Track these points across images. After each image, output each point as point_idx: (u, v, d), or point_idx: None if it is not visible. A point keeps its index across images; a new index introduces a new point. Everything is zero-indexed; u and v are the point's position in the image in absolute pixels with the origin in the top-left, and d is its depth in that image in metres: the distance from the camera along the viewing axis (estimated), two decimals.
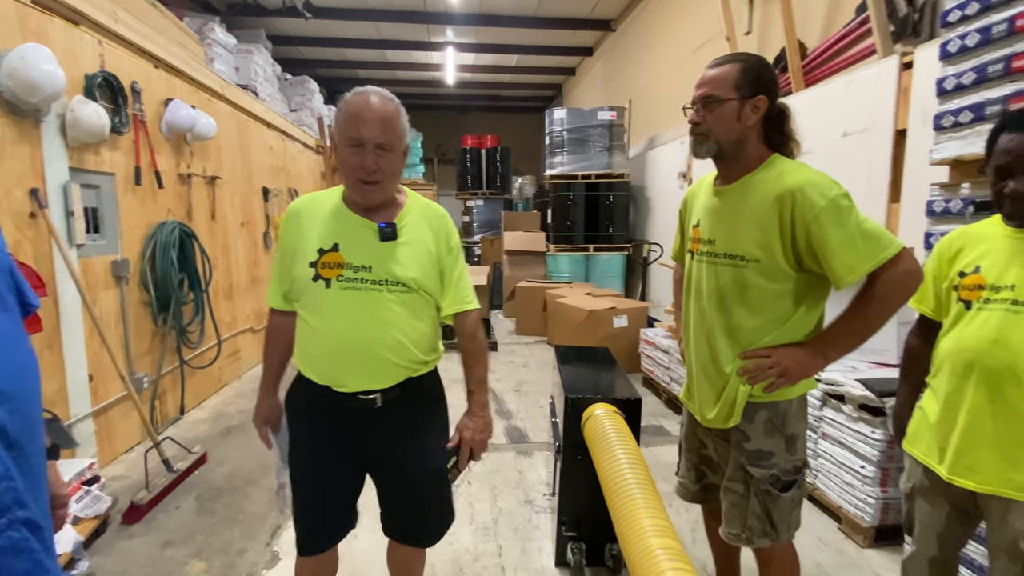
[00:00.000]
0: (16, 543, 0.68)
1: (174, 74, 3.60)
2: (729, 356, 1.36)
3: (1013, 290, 1.17)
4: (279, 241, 1.34)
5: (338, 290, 1.25)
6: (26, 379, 0.75)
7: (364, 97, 1.22)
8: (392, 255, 1.27)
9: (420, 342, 1.32)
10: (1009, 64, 1.56)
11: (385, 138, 1.21)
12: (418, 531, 1.46)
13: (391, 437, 1.35)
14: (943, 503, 1.33)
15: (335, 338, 1.26)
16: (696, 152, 1.39)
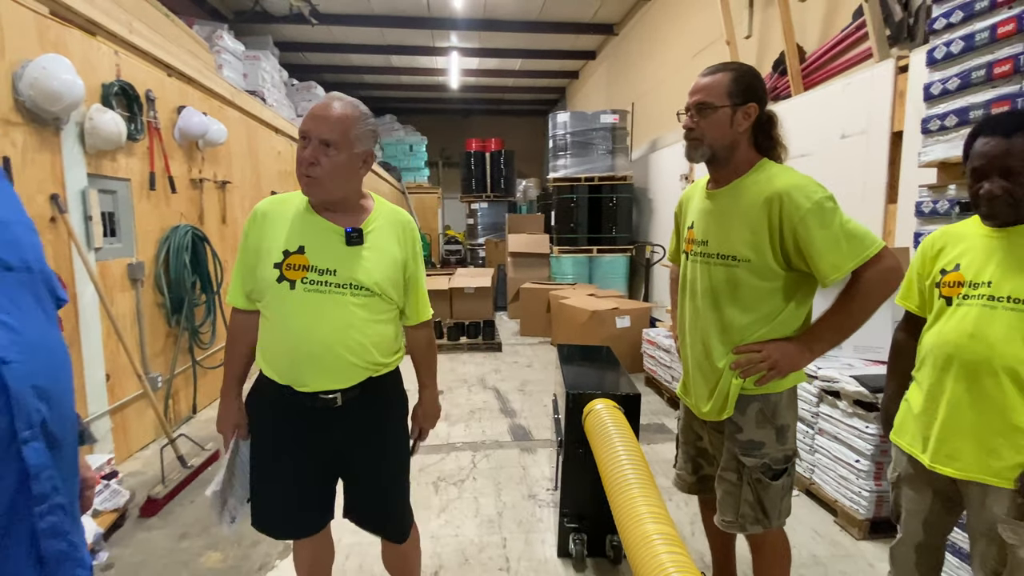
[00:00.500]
0: (55, 526, 0.75)
1: (186, 82, 3.70)
2: (722, 351, 1.43)
3: (989, 286, 1.23)
4: (241, 240, 1.36)
5: (302, 292, 1.26)
6: (63, 377, 0.80)
7: (327, 100, 1.27)
8: (357, 259, 1.29)
9: (381, 344, 1.35)
10: (991, 70, 1.62)
11: (330, 135, 1.22)
12: (386, 523, 1.49)
13: (352, 436, 1.37)
14: (927, 491, 1.39)
15: (297, 339, 1.28)
16: (690, 156, 1.45)
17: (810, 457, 2.49)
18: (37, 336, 0.74)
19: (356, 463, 1.41)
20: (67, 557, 0.77)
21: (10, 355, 0.68)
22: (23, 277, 0.75)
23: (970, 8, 1.68)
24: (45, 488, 0.73)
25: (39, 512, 0.73)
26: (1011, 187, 1.19)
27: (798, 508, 2.46)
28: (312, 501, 1.42)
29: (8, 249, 0.73)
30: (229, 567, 2.06)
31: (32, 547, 0.73)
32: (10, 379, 0.68)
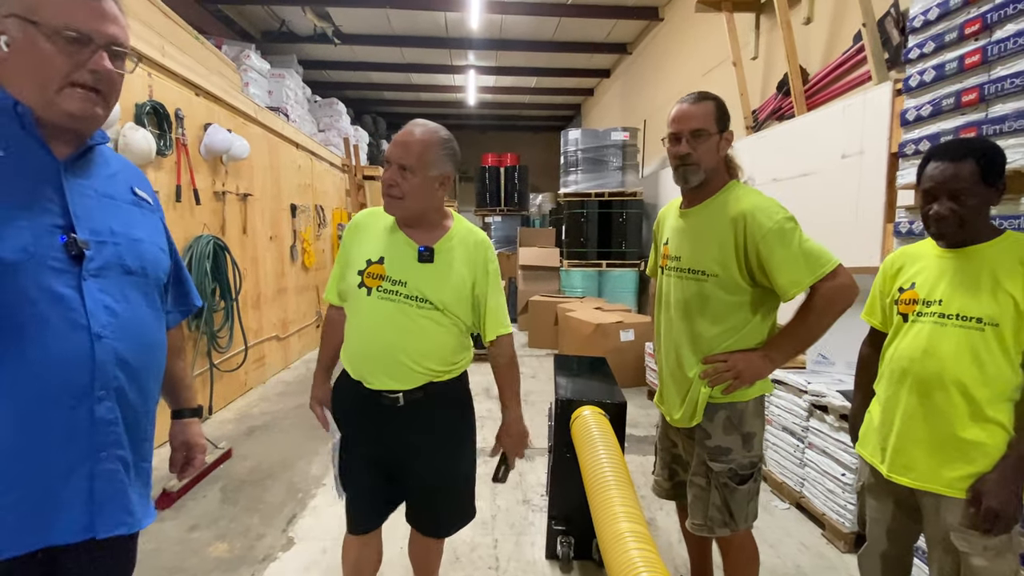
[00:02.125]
0: (112, 473, 0.91)
1: (213, 101, 3.93)
2: (692, 361, 1.52)
3: (940, 304, 1.30)
4: (341, 246, 1.52)
5: (376, 298, 1.40)
6: (148, 359, 0.98)
7: (410, 127, 1.41)
8: (426, 276, 1.41)
9: (440, 353, 1.44)
10: (959, 98, 1.69)
11: (407, 160, 1.36)
12: (433, 524, 1.59)
13: (412, 435, 1.46)
14: (888, 500, 1.45)
15: (366, 339, 1.42)
16: (687, 180, 1.51)
17: (800, 471, 2.53)
18: (134, 323, 0.94)
19: (412, 462, 1.49)
20: (113, 501, 0.91)
21: (105, 332, 0.88)
22: (138, 280, 0.96)
23: (940, 39, 1.77)
24: (109, 439, 0.90)
25: (101, 457, 0.89)
26: (958, 209, 1.27)
27: (787, 522, 2.50)
28: (372, 495, 1.52)
29: (133, 259, 0.96)
30: (235, 557, 2.19)
31: (88, 485, 0.88)
32: (98, 350, 0.87)
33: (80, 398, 0.86)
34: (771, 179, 4.30)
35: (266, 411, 4.03)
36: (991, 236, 1.30)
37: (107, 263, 0.91)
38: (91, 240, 0.89)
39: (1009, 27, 1.56)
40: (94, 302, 0.88)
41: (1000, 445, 1.26)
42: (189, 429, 1.24)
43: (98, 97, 0.89)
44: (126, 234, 0.96)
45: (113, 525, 0.92)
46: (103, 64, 0.88)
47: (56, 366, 0.84)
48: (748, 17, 5.06)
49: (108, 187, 0.98)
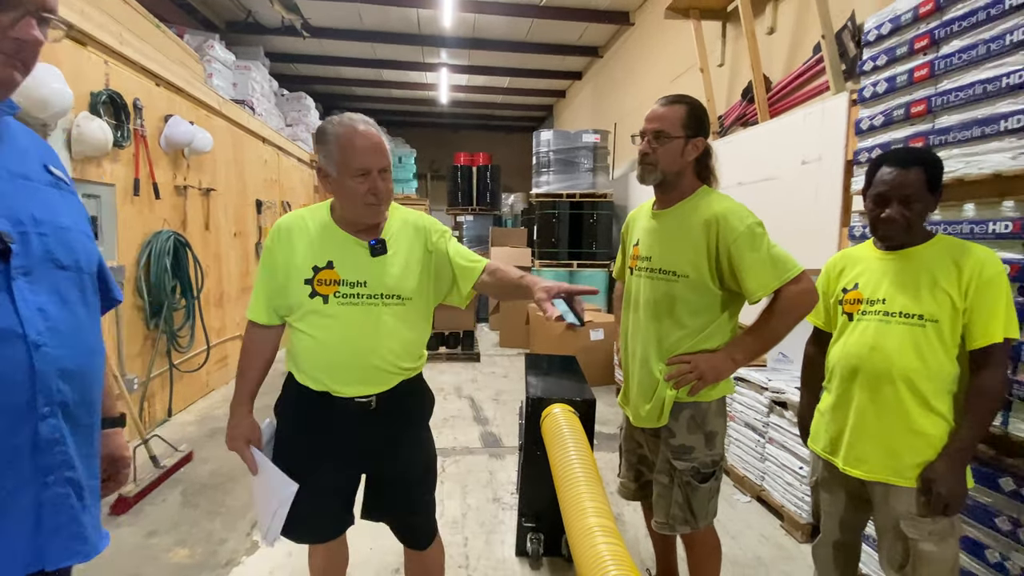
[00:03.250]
0: (60, 498, 0.80)
1: (174, 91, 3.80)
2: (658, 361, 1.55)
3: (884, 303, 1.38)
4: (265, 256, 1.37)
5: (336, 305, 1.31)
6: (91, 365, 0.87)
7: (353, 127, 1.28)
8: (384, 269, 1.34)
9: (411, 351, 1.41)
10: (909, 109, 1.79)
11: (386, 162, 1.31)
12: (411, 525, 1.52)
13: (384, 436, 1.41)
14: (841, 492, 1.52)
15: (333, 350, 1.32)
16: (643, 179, 1.57)
17: (760, 465, 2.62)
18: (73, 326, 0.84)
19: (386, 463, 1.43)
20: (65, 530, 0.81)
21: (43, 339, 0.78)
22: (72, 275, 0.85)
23: (892, 53, 1.86)
24: (56, 460, 0.80)
25: (48, 482, 0.79)
26: (907, 213, 1.34)
27: (749, 514, 2.59)
28: (337, 504, 1.46)
29: (63, 251, 0.84)
30: (196, 563, 2.12)
31: (33, 513, 0.78)
32: (38, 361, 0.77)
33: (20, 418, 0.76)
34: (736, 183, 4.43)
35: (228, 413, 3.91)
36: (926, 239, 1.38)
37: (36, 258, 0.80)
38: (13, 232, 0.77)
39: (955, 43, 1.66)
40: (27, 305, 0.77)
41: (943, 435, 1.33)
42: (112, 440, 1.09)
43: (20, 64, 0.79)
44: (52, 222, 0.84)
45: (66, 555, 0.82)
46: (31, 32, 0.78)
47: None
48: (715, 25, 5.20)
49: (21, 166, 0.84)
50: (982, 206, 1.61)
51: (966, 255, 1.32)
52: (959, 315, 1.31)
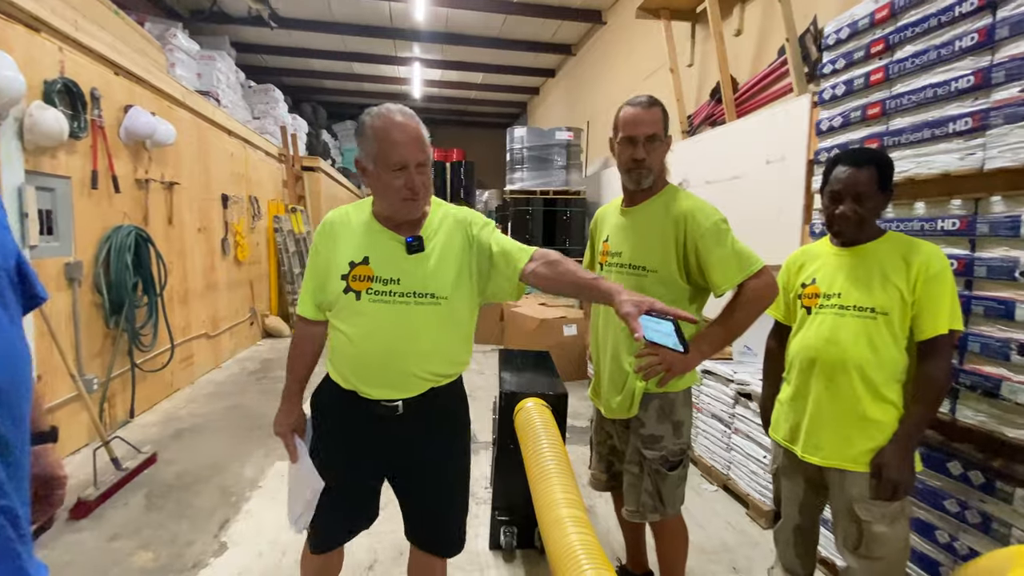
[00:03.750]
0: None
1: (135, 81, 3.66)
2: (629, 355, 1.59)
3: (839, 297, 1.44)
4: (312, 252, 1.37)
5: (367, 302, 1.27)
6: (17, 374, 0.76)
7: (391, 119, 1.24)
8: (420, 267, 1.29)
9: (446, 353, 1.33)
10: (865, 111, 1.87)
11: (424, 156, 1.25)
12: (440, 534, 1.46)
13: (412, 442, 1.36)
14: (800, 479, 1.58)
15: (361, 349, 1.29)
16: (642, 183, 1.56)
17: (727, 455, 2.71)
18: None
19: (410, 472, 1.39)
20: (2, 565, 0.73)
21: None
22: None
23: (850, 57, 1.94)
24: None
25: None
26: (860, 210, 1.41)
27: (715, 502, 2.67)
28: (357, 509, 1.43)
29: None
30: (160, 566, 2.07)
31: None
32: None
33: None
34: (704, 181, 4.53)
35: (195, 413, 3.81)
36: (877, 236, 1.45)
37: None
38: None
39: (908, 48, 1.74)
40: None
41: (893, 422, 1.40)
42: (43, 458, 0.95)
43: None
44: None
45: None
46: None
47: None
48: (685, 26, 5.29)
49: None
50: (932, 204, 1.69)
51: (914, 251, 1.39)
52: (908, 308, 1.38)
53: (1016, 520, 1.44)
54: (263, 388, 4.47)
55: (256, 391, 4.39)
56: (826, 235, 1.58)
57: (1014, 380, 1.43)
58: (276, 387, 4.48)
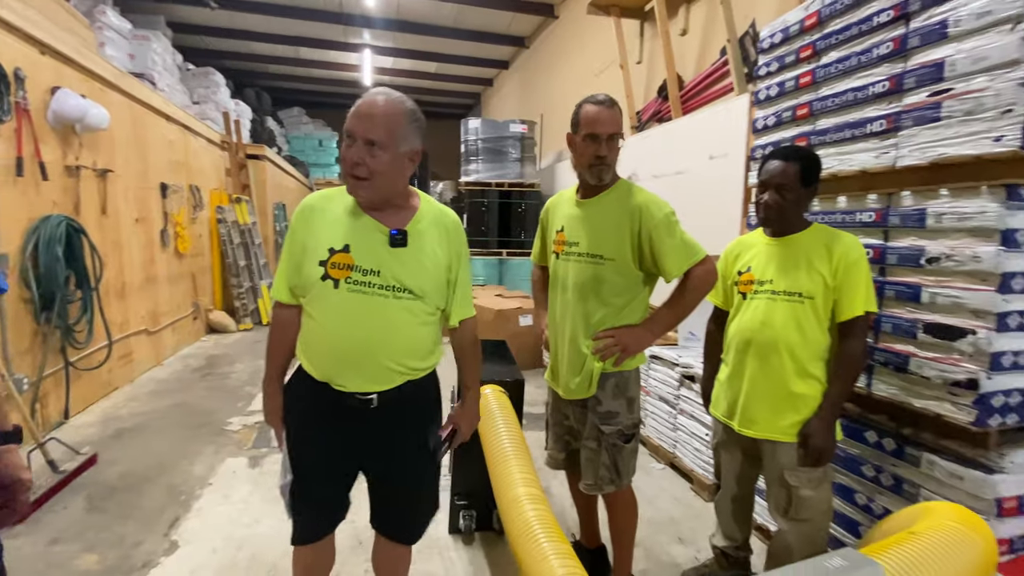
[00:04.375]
0: None
1: (63, 61, 3.42)
2: (586, 338, 1.67)
3: (771, 283, 1.58)
4: (289, 234, 1.33)
5: (345, 292, 1.25)
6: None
7: (372, 96, 1.23)
8: (401, 261, 1.27)
9: (421, 349, 1.34)
10: (795, 112, 2.03)
11: (376, 134, 1.19)
12: (407, 526, 1.49)
13: (385, 435, 1.36)
14: (737, 451, 1.72)
15: (337, 339, 1.27)
16: (603, 178, 1.65)
17: (672, 434, 2.86)
18: None
19: (384, 463, 1.40)
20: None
21: None
22: None
23: (782, 61, 2.09)
24: None
25: None
26: (780, 200, 1.54)
27: (662, 479, 2.82)
28: (332, 501, 1.43)
29: None
30: (107, 568, 2.00)
31: None
32: None
33: None
34: (652, 175, 4.71)
35: (136, 412, 3.65)
36: (804, 227, 1.59)
37: None
38: None
39: (832, 54, 1.89)
40: None
41: (817, 396, 1.55)
42: (5, 460, 0.92)
43: None
44: None
45: None
46: None
47: None
48: (635, 23, 5.44)
49: None
50: (852, 198, 1.86)
51: (835, 241, 1.54)
52: (830, 292, 1.52)
53: (923, 481, 1.62)
54: (210, 385, 4.31)
55: (202, 388, 4.23)
56: (760, 227, 1.71)
57: (920, 356, 1.61)
58: (223, 383, 4.34)
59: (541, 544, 1.40)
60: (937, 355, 1.56)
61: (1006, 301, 1.42)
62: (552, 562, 1.34)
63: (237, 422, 3.50)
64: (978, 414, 1.45)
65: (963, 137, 1.47)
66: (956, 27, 1.48)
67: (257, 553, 2.12)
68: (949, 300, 1.52)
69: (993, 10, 1.39)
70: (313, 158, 11.77)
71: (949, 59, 1.50)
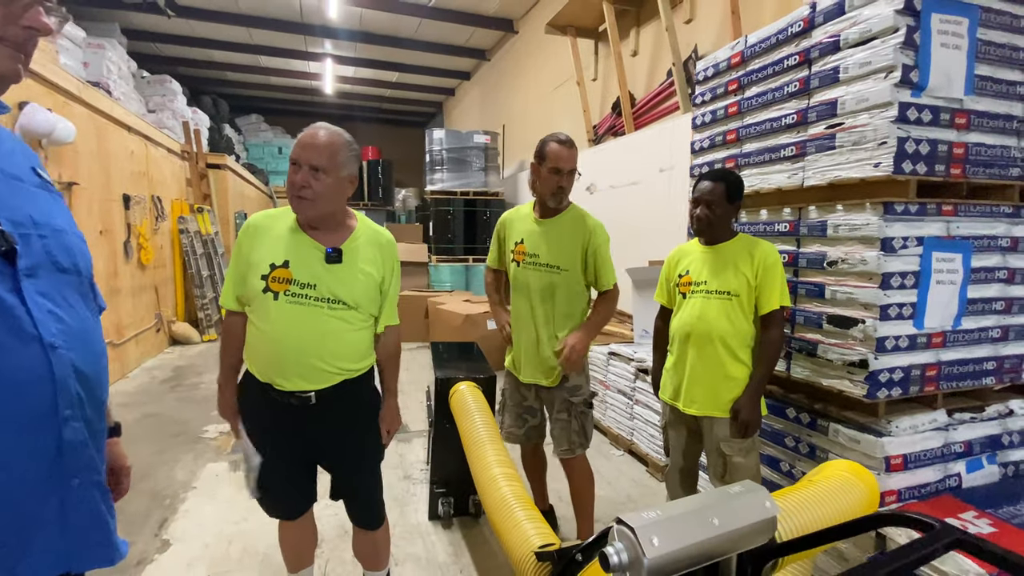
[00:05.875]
0: (85, 501, 0.82)
1: (28, 75, 3.43)
2: (547, 334, 2.01)
3: (706, 284, 1.87)
4: (235, 248, 1.49)
5: (284, 303, 1.40)
6: (99, 365, 0.87)
7: (314, 130, 1.42)
8: (336, 276, 1.43)
9: (353, 353, 1.48)
10: (725, 136, 2.35)
11: (319, 161, 1.37)
12: (365, 511, 1.68)
13: (327, 431, 1.51)
14: (682, 429, 2.00)
15: (276, 344, 1.41)
16: (561, 203, 2.02)
17: (630, 423, 3.15)
18: (80, 328, 0.84)
19: (332, 456, 1.57)
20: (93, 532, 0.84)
21: (58, 341, 0.78)
22: (72, 279, 0.85)
23: (714, 92, 2.41)
24: (82, 463, 0.81)
25: (72, 485, 0.80)
26: (709, 214, 1.84)
27: (622, 464, 3.10)
28: (293, 487, 1.59)
29: (63, 254, 0.83)
30: None
31: (59, 517, 0.79)
32: (56, 362, 0.77)
33: (44, 420, 0.76)
34: (609, 186, 5.04)
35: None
36: (731, 236, 1.89)
37: (38, 260, 0.79)
38: (15, 233, 0.76)
39: (754, 89, 2.21)
40: (37, 307, 0.76)
41: (745, 378, 1.84)
42: (112, 450, 1.03)
43: (24, 56, 0.77)
44: (48, 224, 0.82)
45: (94, 559, 0.83)
46: (42, 19, 0.75)
47: (12, 386, 0.73)
48: (590, 42, 5.79)
49: (12, 167, 0.81)
50: (771, 212, 2.18)
51: (756, 247, 1.84)
52: (752, 290, 1.82)
53: (831, 447, 1.94)
54: (180, 396, 4.33)
55: (173, 399, 4.25)
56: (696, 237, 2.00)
57: (826, 342, 1.93)
58: (193, 394, 4.36)
59: (516, 512, 1.63)
60: (837, 341, 1.89)
61: (887, 296, 1.75)
62: (526, 526, 1.57)
63: (213, 429, 3.58)
64: (868, 388, 1.78)
65: (852, 163, 1.80)
66: (846, 73, 1.81)
67: (247, 546, 2.26)
68: (845, 296, 1.85)
69: (872, 61, 1.73)
70: (272, 165, 11.67)
71: (840, 98, 1.83)
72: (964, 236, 1.84)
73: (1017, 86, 1.84)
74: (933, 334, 1.84)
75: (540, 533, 1.55)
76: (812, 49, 1.93)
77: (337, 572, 2.11)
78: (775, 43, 2.08)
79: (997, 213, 1.89)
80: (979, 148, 1.79)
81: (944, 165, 1.75)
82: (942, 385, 1.88)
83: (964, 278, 1.85)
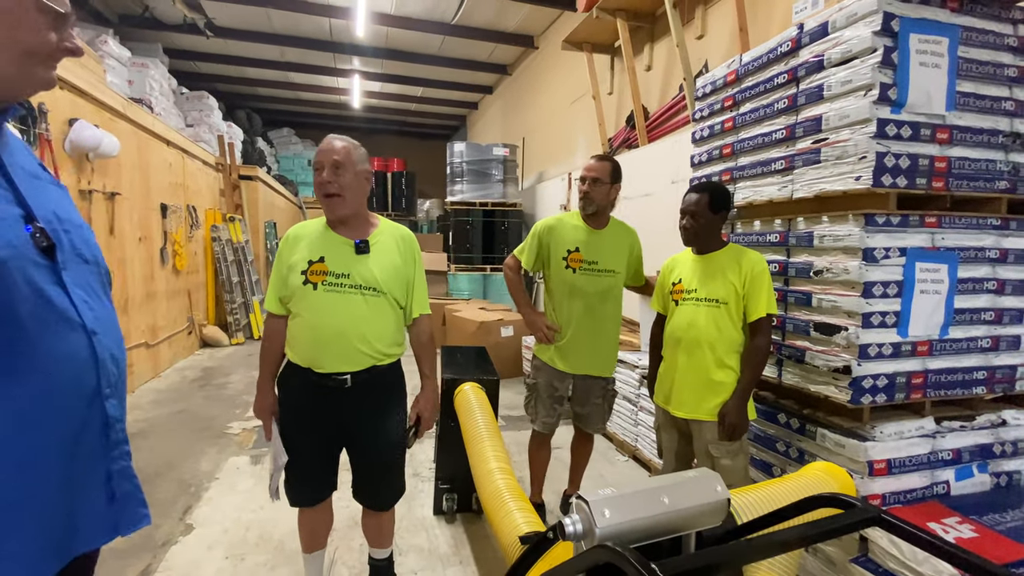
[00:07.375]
0: (126, 470, 0.91)
1: (78, 94, 3.74)
2: (609, 327, 2.36)
3: (696, 292, 1.95)
4: (276, 258, 1.70)
5: (322, 291, 1.60)
6: (123, 351, 0.96)
7: (329, 139, 1.65)
8: (365, 265, 1.64)
9: (383, 336, 1.67)
10: (722, 151, 2.43)
11: (339, 157, 1.59)
12: (378, 495, 1.81)
13: (359, 413, 1.68)
14: (674, 431, 2.08)
15: (317, 328, 1.61)
16: (585, 209, 2.30)
17: (634, 429, 3.22)
18: (108, 317, 0.92)
19: (358, 438, 1.72)
20: (133, 497, 0.94)
21: (96, 327, 0.86)
22: (94, 269, 0.93)
23: (712, 107, 2.51)
24: (120, 436, 0.91)
25: (114, 456, 0.89)
26: (693, 224, 1.94)
27: (625, 469, 3.16)
28: (320, 470, 1.74)
29: (85, 247, 0.90)
30: (132, 545, 2.28)
31: (107, 485, 0.89)
32: (97, 346, 0.86)
33: (92, 397, 0.85)
34: (624, 197, 5.11)
35: (140, 419, 3.90)
36: (721, 246, 1.98)
37: (68, 254, 0.85)
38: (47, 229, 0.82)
39: (747, 105, 2.30)
40: (77, 297, 0.84)
41: (733, 383, 1.92)
42: None
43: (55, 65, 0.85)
44: (70, 219, 0.89)
45: (135, 521, 0.93)
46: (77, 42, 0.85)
47: (66, 366, 0.81)
48: (605, 58, 5.92)
49: (29, 165, 0.86)
50: (763, 223, 2.26)
51: (744, 257, 1.92)
52: (740, 299, 1.90)
53: (818, 451, 1.99)
54: (208, 394, 4.57)
55: (201, 397, 4.49)
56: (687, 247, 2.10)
57: (813, 349, 1.99)
58: (220, 393, 4.60)
59: (507, 503, 1.74)
60: (823, 348, 1.94)
61: (869, 304, 1.81)
62: (516, 515, 1.67)
63: (237, 426, 3.78)
64: (852, 394, 1.83)
65: (835, 176, 1.87)
66: (829, 91, 1.89)
67: (264, 533, 2.41)
68: (830, 304, 1.91)
69: (852, 80, 1.81)
70: (302, 177, 12.10)
71: (825, 115, 1.91)
72: (950, 247, 1.88)
73: (1002, 101, 1.89)
74: (919, 342, 1.88)
75: (528, 522, 1.65)
76: (799, 68, 2.01)
77: (345, 557, 2.25)
78: (766, 62, 2.17)
79: (984, 225, 1.93)
80: (962, 162, 1.85)
81: (926, 178, 1.81)
82: (929, 393, 1.91)
83: (950, 288, 1.89)
